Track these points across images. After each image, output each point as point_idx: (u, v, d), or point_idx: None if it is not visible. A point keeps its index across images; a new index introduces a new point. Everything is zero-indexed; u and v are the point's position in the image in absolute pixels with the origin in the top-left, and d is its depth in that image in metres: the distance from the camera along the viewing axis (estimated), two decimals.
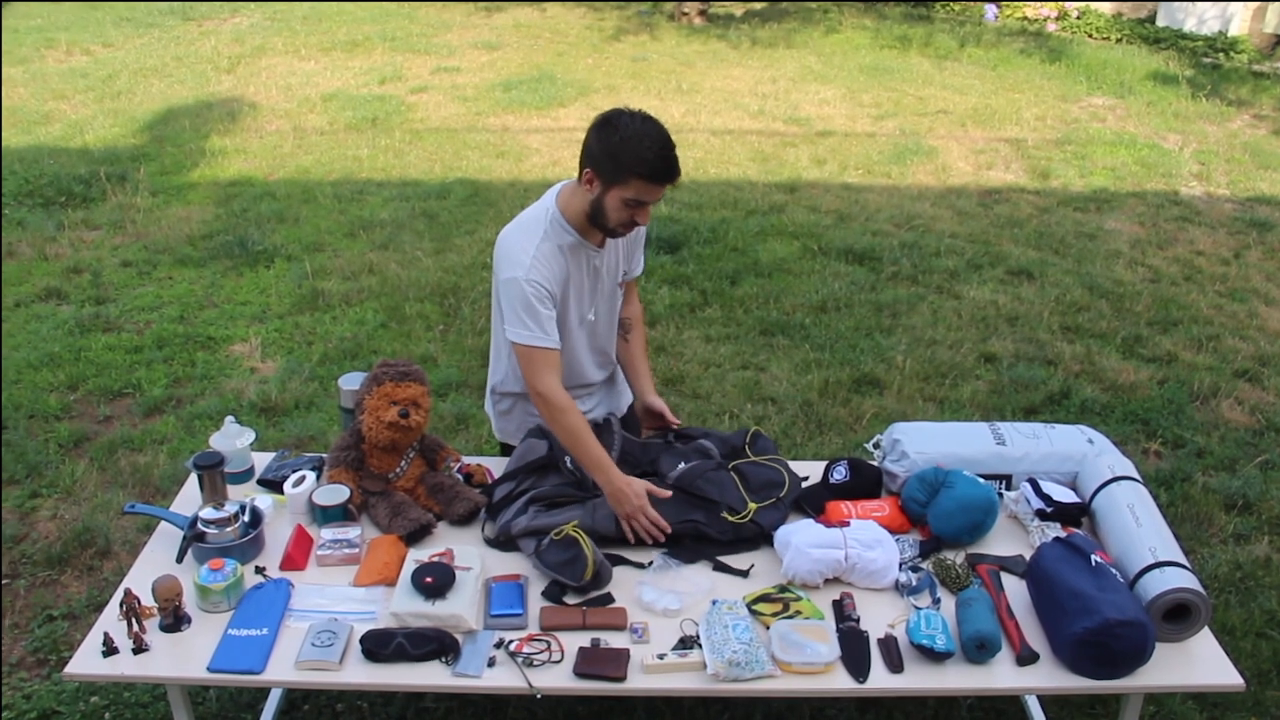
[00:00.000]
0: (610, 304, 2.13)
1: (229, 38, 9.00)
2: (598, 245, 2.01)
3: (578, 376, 2.13)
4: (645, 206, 1.87)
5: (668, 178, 1.84)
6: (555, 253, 1.95)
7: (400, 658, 1.66)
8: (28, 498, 2.96)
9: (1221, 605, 2.59)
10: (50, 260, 4.61)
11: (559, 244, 1.95)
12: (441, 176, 5.81)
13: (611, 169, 1.84)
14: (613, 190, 1.86)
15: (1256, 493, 3.07)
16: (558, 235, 1.95)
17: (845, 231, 5.06)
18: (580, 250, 1.99)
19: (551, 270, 1.94)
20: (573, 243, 1.97)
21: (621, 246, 2.09)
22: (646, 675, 1.66)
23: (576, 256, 1.99)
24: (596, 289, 2.06)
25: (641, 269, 2.22)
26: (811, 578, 1.85)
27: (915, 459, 2.08)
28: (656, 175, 1.83)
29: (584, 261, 2.01)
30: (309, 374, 3.67)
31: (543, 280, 1.92)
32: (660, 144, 1.83)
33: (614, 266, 2.09)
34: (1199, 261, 4.87)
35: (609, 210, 1.88)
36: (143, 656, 1.68)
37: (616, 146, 1.83)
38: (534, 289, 1.91)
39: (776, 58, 8.61)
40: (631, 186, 1.83)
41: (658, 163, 1.82)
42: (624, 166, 1.82)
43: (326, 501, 1.99)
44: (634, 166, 1.82)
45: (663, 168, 1.82)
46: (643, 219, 1.89)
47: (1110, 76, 8.03)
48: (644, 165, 1.81)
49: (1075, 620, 1.66)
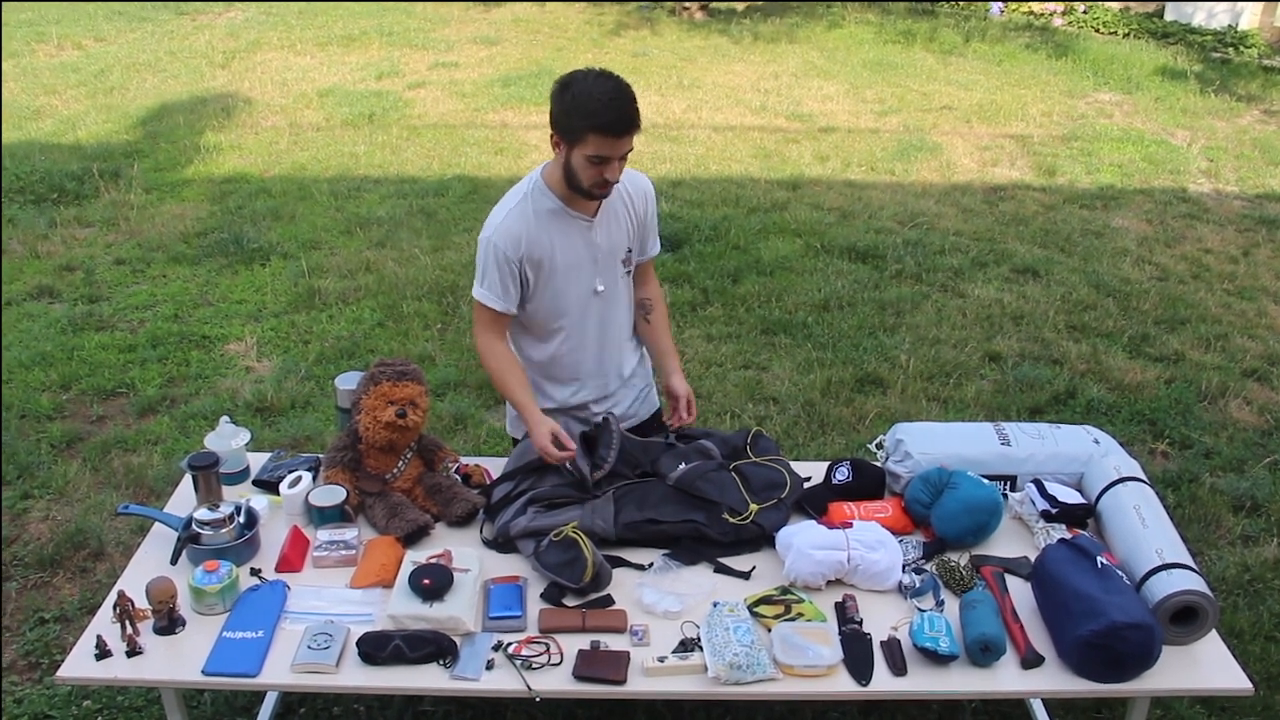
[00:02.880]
0: (620, 281, 2.11)
1: (223, 32, 8.98)
2: (589, 215, 2.01)
3: (599, 355, 2.13)
4: (610, 162, 1.86)
5: (620, 128, 1.83)
6: (530, 216, 1.97)
7: (397, 660, 1.66)
8: (19, 499, 2.94)
9: (1229, 608, 2.57)
10: (42, 258, 4.59)
11: (537, 209, 1.98)
12: (439, 173, 5.79)
13: (568, 128, 1.86)
14: (574, 150, 1.87)
15: (1265, 494, 3.04)
16: (537, 200, 1.98)
17: (848, 229, 5.04)
18: (567, 219, 1.99)
19: (522, 231, 1.96)
20: (555, 209, 1.98)
21: (628, 226, 2.08)
22: (647, 678, 1.65)
23: (563, 224, 1.99)
24: (597, 261, 2.05)
25: (657, 249, 2.20)
26: (814, 579, 1.84)
27: (919, 459, 2.06)
28: (609, 127, 1.82)
29: (574, 231, 2.01)
30: (305, 373, 3.64)
31: (505, 244, 1.95)
32: (611, 96, 1.83)
33: (615, 242, 2.07)
34: (1207, 259, 4.84)
35: (578, 171, 1.89)
36: (136, 659, 1.67)
37: (570, 105, 1.85)
38: (495, 252, 1.96)
39: (779, 53, 8.58)
40: (590, 143, 1.84)
41: (608, 114, 1.82)
42: (578, 124, 1.84)
43: (323, 502, 1.97)
44: (587, 122, 1.83)
45: (613, 118, 1.82)
46: (611, 174, 1.88)
47: (1117, 72, 8.00)
48: (595, 118, 1.82)
49: (1081, 623, 1.65)
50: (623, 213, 2.07)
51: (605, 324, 2.12)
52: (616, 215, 2.06)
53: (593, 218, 2.02)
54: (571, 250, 2.01)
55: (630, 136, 1.86)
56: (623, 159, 1.89)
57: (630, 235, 2.10)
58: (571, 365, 2.13)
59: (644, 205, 2.11)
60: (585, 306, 2.07)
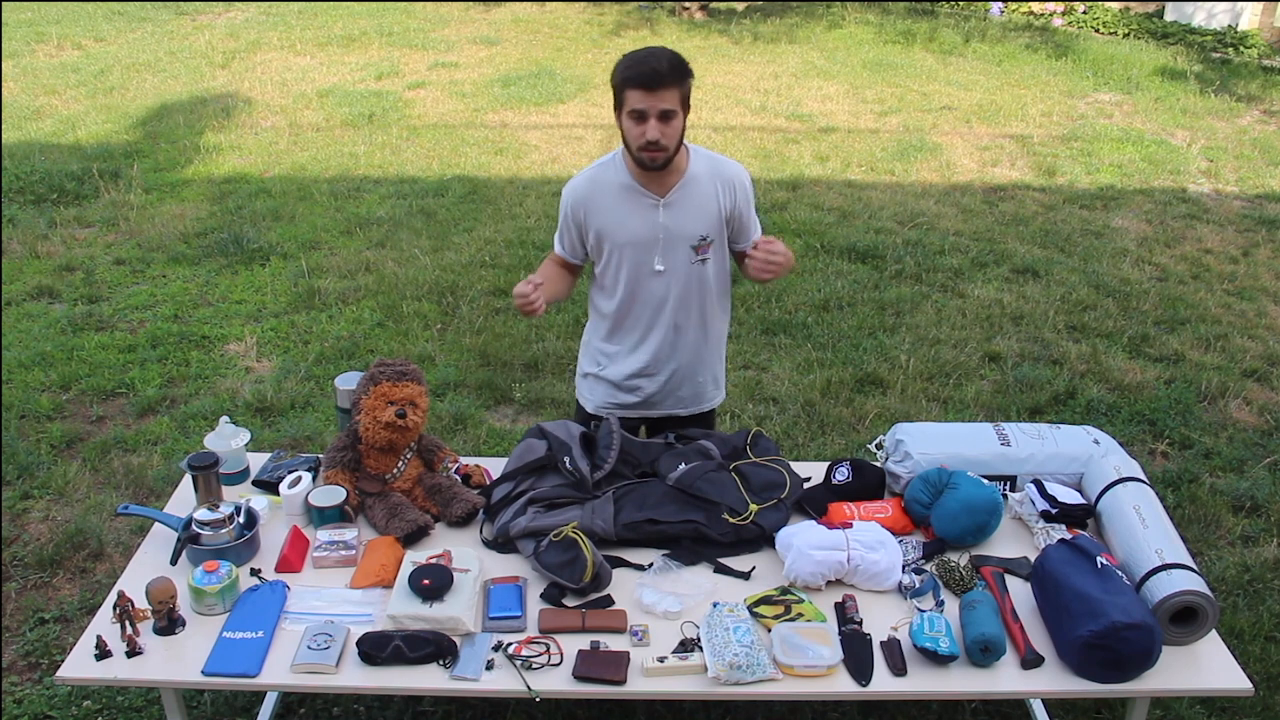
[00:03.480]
0: (687, 271, 2.12)
1: (223, 32, 8.98)
2: (659, 195, 2.07)
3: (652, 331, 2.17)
4: (648, 119, 1.94)
5: (652, 80, 1.92)
6: (599, 181, 2.11)
7: (397, 661, 1.66)
8: (19, 499, 2.94)
9: (1229, 608, 2.57)
10: (42, 258, 4.59)
11: (610, 178, 2.10)
12: (439, 173, 5.79)
13: (615, 94, 2.00)
14: (621, 114, 1.99)
15: (1265, 494, 3.04)
16: (612, 171, 2.11)
17: (848, 229, 5.04)
18: (635, 195, 2.08)
19: (587, 193, 2.11)
20: (626, 184, 2.08)
21: (710, 213, 2.10)
22: (646, 678, 1.65)
23: (631, 199, 2.08)
24: (658, 242, 2.08)
25: (758, 234, 2.20)
26: (813, 580, 1.84)
27: (918, 460, 2.06)
28: (640, 79, 1.93)
29: (640, 208, 2.08)
30: (305, 373, 3.64)
31: (570, 200, 2.13)
32: (645, 53, 1.96)
33: (686, 227, 2.09)
34: (1207, 260, 4.84)
35: (627, 135, 2.00)
36: (136, 660, 1.67)
37: (614, 72, 2.00)
38: (562, 203, 2.15)
39: (778, 53, 8.58)
40: (628, 99, 1.96)
41: (639, 67, 1.94)
42: (618, 84, 1.98)
43: (323, 503, 1.97)
44: (622, 78, 1.97)
45: (643, 70, 1.93)
46: (652, 133, 1.95)
47: (1117, 72, 8.00)
48: (627, 72, 1.95)
49: (1081, 623, 1.65)
50: (707, 201, 2.09)
51: (663, 304, 2.14)
52: (695, 201, 2.09)
53: (661, 197, 2.07)
54: (633, 226, 2.08)
55: (666, 91, 1.93)
56: (664, 118, 1.94)
57: (711, 223, 2.11)
58: (625, 335, 2.19)
59: (732, 194, 2.12)
60: (642, 282, 2.12)
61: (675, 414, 2.29)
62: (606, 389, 2.26)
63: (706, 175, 2.09)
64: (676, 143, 1.99)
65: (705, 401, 2.31)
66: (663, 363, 2.20)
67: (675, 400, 2.26)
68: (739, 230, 2.17)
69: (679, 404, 2.28)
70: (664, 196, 2.07)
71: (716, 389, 2.33)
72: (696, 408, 2.30)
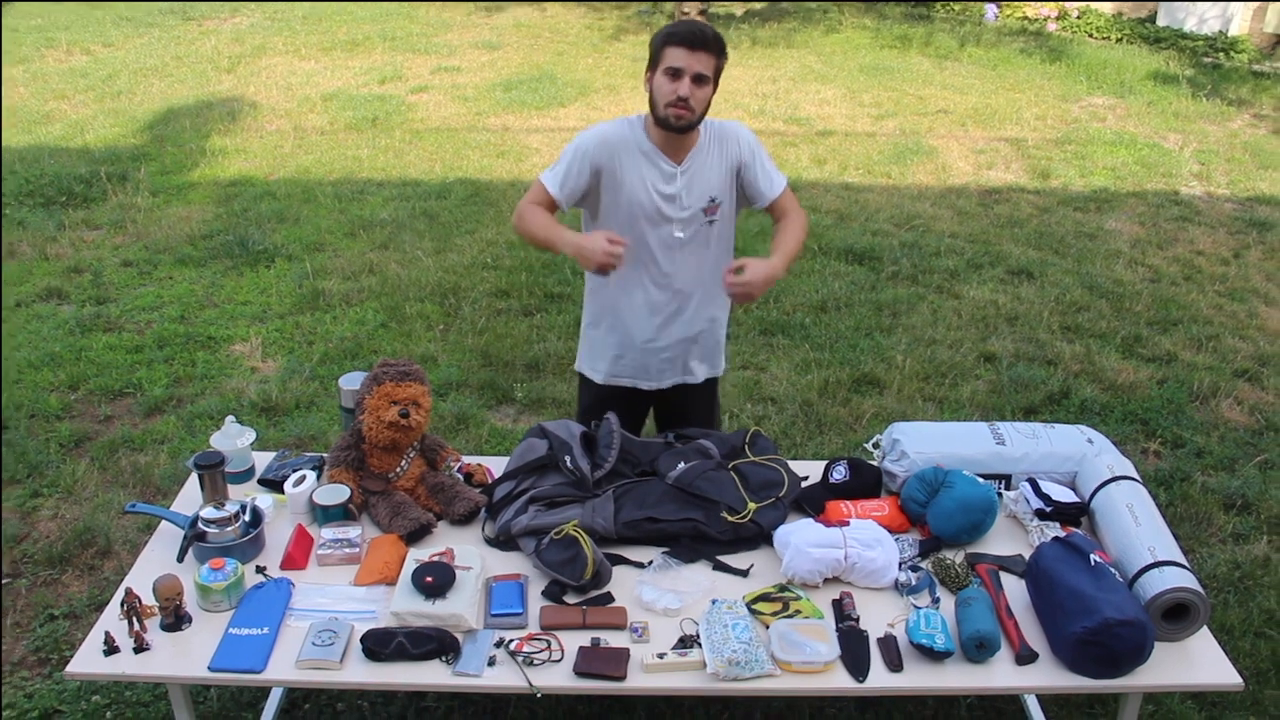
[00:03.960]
0: (697, 236, 2.15)
1: (229, 37, 9.00)
2: (676, 160, 2.10)
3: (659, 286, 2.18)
4: (683, 77, 1.98)
5: (694, 40, 1.98)
6: (626, 136, 2.10)
7: (401, 657, 1.67)
8: (29, 497, 2.96)
9: (1220, 605, 2.59)
10: (51, 260, 4.61)
11: (634, 137, 2.10)
12: (442, 176, 5.81)
13: (653, 54, 2.04)
14: (655, 73, 2.03)
15: (1255, 492, 3.07)
16: (635, 130, 2.12)
17: (845, 231, 5.06)
18: (654, 160, 2.10)
19: (614, 141, 2.09)
20: (647, 148, 2.10)
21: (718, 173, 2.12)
22: (646, 674, 1.66)
23: (651, 163, 2.10)
24: (674, 207, 2.11)
25: (778, 189, 2.21)
26: (811, 577, 1.86)
27: (915, 459, 2.08)
28: (682, 38, 1.98)
29: (659, 174, 2.10)
30: (309, 374, 3.67)
31: (592, 142, 2.09)
32: (689, 21, 2.03)
33: (699, 193, 2.12)
34: (1199, 261, 4.87)
35: (657, 92, 2.03)
36: (144, 655, 1.69)
37: (655, 35, 2.06)
38: (579, 144, 2.11)
39: (776, 57, 8.61)
40: (666, 55, 2.00)
41: (682, 28, 2.00)
42: (658, 44, 2.03)
43: (327, 501, 1.99)
44: (665, 35, 2.02)
45: (688, 31, 1.99)
46: (685, 89, 1.98)
47: (1110, 76, 8.03)
48: (670, 33, 2.01)
49: (1074, 620, 1.67)
50: (712, 160, 2.13)
51: (673, 272, 2.17)
52: (704, 164, 2.12)
53: (679, 165, 2.10)
54: (652, 191, 2.10)
55: (704, 54, 1.98)
56: (698, 81, 1.99)
57: (720, 182, 2.14)
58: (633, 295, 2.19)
59: (735, 147, 2.15)
60: (660, 250, 2.13)
61: (684, 382, 2.30)
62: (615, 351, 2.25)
63: (711, 140, 2.14)
64: (703, 110, 2.05)
65: (712, 367, 2.34)
66: (673, 325, 2.22)
67: (681, 369, 2.28)
68: (753, 183, 2.17)
69: (687, 371, 2.29)
70: (681, 164, 2.11)
71: (720, 354, 2.36)
72: (703, 375, 2.32)
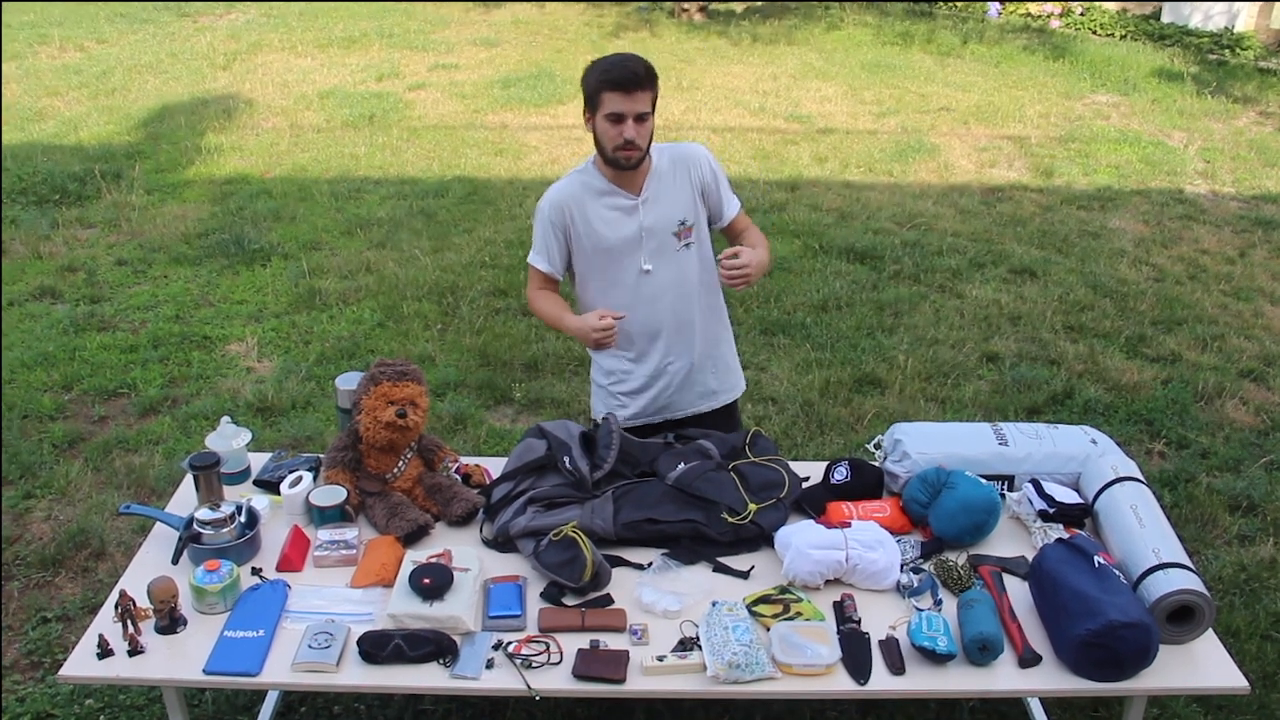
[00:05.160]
0: (674, 261, 2.15)
1: (224, 34, 8.99)
2: (635, 194, 2.12)
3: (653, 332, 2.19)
4: (625, 120, 2.00)
5: (629, 83, 1.99)
6: (578, 188, 2.14)
7: (398, 659, 1.66)
8: (22, 498, 2.94)
9: (1226, 607, 2.58)
10: (44, 259, 4.60)
11: (586, 185, 2.14)
12: (439, 174, 5.80)
13: (589, 96, 2.05)
14: (596, 117, 2.04)
15: (1261, 494, 3.05)
16: (587, 178, 2.15)
17: (846, 230, 5.05)
18: (614, 198, 2.12)
19: (567, 198, 2.13)
20: (603, 188, 2.13)
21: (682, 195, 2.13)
22: (646, 677, 1.65)
23: (609, 203, 2.12)
24: (642, 241, 2.12)
25: (734, 209, 2.23)
26: (812, 579, 1.85)
27: (917, 459, 2.07)
28: (617, 82, 1.99)
29: (621, 209, 2.12)
30: (306, 374, 3.65)
31: (550, 209, 2.14)
32: (620, 58, 2.02)
33: (665, 218, 2.13)
34: (1204, 260, 4.85)
35: (601, 137, 2.05)
36: (138, 658, 1.67)
37: (588, 74, 2.05)
38: (542, 216, 2.16)
39: (777, 54, 8.60)
40: (605, 101, 2.01)
41: (616, 70, 2.00)
42: (593, 87, 2.03)
43: (323, 502, 1.98)
44: (598, 79, 2.02)
45: (620, 74, 1.99)
46: (630, 132, 2.01)
47: (1114, 73, 8.02)
48: (604, 75, 2.01)
49: (1078, 622, 1.66)
50: (674, 184, 2.13)
51: (659, 301, 2.16)
52: (666, 190, 2.13)
53: (637, 196, 2.10)
54: (617, 228, 2.12)
55: (641, 93, 2.00)
56: (639, 120, 2.01)
57: (686, 205, 2.14)
58: (631, 341, 2.20)
59: (698, 169, 2.15)
60: (634, 285, 2.14)
61: (699, 411, 2.29)
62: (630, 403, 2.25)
63: (670, 164, 2.14)
64: (649, 143, 2.06)
65: (728, 392, 2.33)
66: (678, 358, 2.22)
67: (699, 395, 2.28)
68: (715, 204, 2.20)
69: (703, 399, 2.29)
70: (640, 195, 2.11)
71: (736, 376, 2.35)
72: (721, 400, 2.32)
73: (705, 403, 2.30)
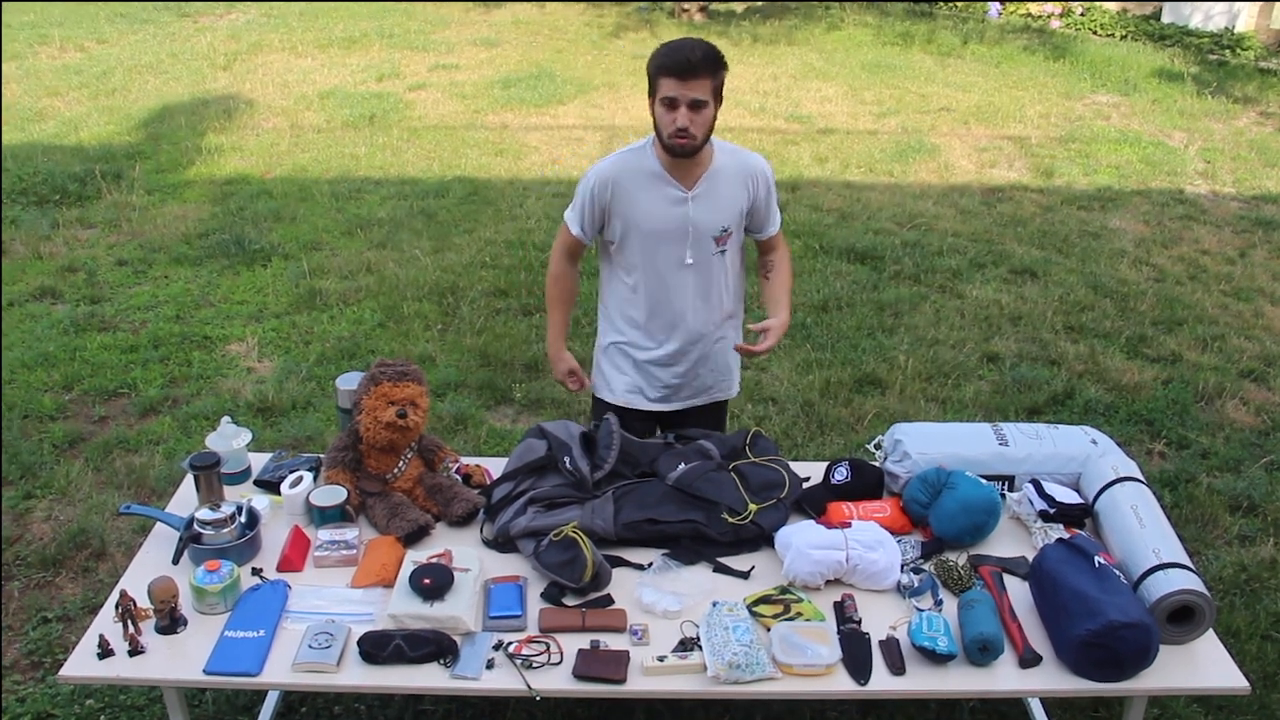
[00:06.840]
0: (707, 263, 2.16)
1: (225, 34, 8.99)
2: (686, 185, 2.09)
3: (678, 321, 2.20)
4: (679, 106, 1.98)
5: (684, 69, 1.96)
6: (629, 167, 2.12)
7: (398, 660, 1.66)
8: (22, 499, 2.94)
9: (1226, 608, 2.58)
10: (45, 259, 4.60)
11: (639, 165, 2.12)
12: (440, 175, 5.80)
13: (649, 81, 2.04)
14: (654, 101, 2.03)
15: (1262, 494, 3.05)
16: (642, 157, 2.12)
17: (847, 230, 5.05)
18: (663, 185, 2.10)
19: (615, 177, 2.11)
20: (655, 172, 2.10)
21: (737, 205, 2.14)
22: (646, 677, 1.66)
23: (660, 188, 2.10)
24: (687, 235, 2.12)
25: (775, 228, 2.27)
26: (812, 579, 1.85)
27: (917, 460, 2.07)
28: (672, 68, 1.97)
29: (668, 198, 2.10)
30: (306, 374, 3.65)
31: (596, 182, 2.12)
32: (678, 43, 1.99)
33: (712, 220, 2.13)
34: (1204, 260, 4.85)
35: (658, 122, 2.03)
36: (138, 659, 1.67)
37: (649, 60, 2.04)
38: (586, 184, 2.14)
39: (778, 55, 8.60)
40: (661, 86, 2.00)
41: (672, 56, 1.98)
42: (652, 72, 2.02)
43: (324, 502, 1.98)
44: (656, 65, 2.01)
45: (676, 59, 1.97)
46: (682, 119, 1.98)
47: (1115, 74, 8.02)
48: (661, 60, 2.00)
49: (1078, 622, 1.66)
50: (732, 194, 2.13)
51: (686, 293, 2.17)
52: (720, 194, 2.12)
53: (689, 190, 2.09)
54: (661, 216, 2.11)
55: (697, 80, 1.97)
56: (694, 107, 1.98)
57: (733, 214, 2.15)
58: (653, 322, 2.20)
59: (754, 185, 2.16)
60: (670, 273, 2.14)
61: (694, 404, 2.31)
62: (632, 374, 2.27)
63: (731, 169, 2.13)
64: (706, 132, 2.03)
65: (722, 390, 2.35)
66: (689, 349, 2.23)
67: (697, 388, 2.29)
68: (759, 220, 2.22)
69: (699, 393, 2.31)
70: (691, 189, 2.10)
71: (733, 377, 2.37)
72: (714, 396, 2.34)
73: (698, 397, 2.32)
